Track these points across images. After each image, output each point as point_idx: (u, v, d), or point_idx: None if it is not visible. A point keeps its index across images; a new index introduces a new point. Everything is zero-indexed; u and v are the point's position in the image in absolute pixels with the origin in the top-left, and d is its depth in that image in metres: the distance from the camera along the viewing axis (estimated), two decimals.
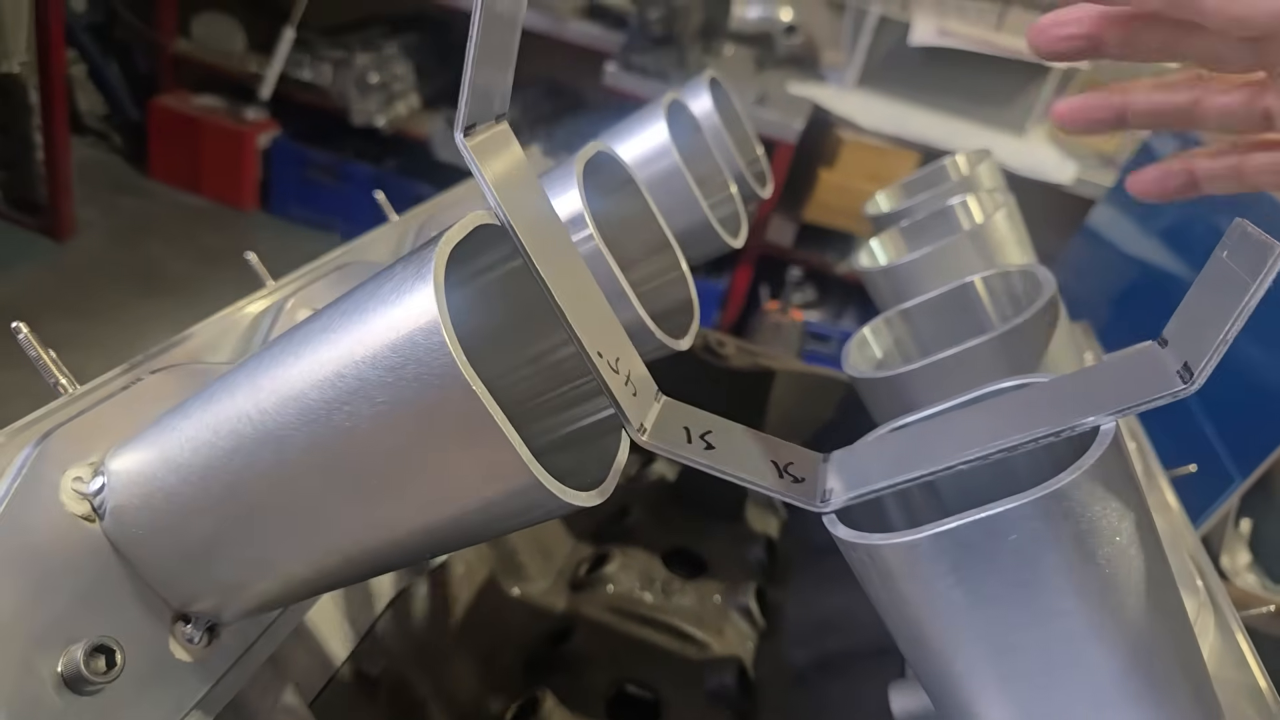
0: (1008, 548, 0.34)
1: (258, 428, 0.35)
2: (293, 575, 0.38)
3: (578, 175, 0.46)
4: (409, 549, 0.37)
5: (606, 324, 0.41)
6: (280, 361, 0.35)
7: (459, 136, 0.35)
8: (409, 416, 0.32)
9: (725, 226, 0.65)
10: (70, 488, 0.38)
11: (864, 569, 0.39)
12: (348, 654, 0.55)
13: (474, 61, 0.34)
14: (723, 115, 0.74)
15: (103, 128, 3.02)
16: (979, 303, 0.57)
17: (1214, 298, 0.34)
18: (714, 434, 0.43)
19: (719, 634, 0.74)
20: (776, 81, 2.36)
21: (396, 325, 0.32)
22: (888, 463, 0.41)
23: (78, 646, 0.36)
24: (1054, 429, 0.37)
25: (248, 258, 0.66)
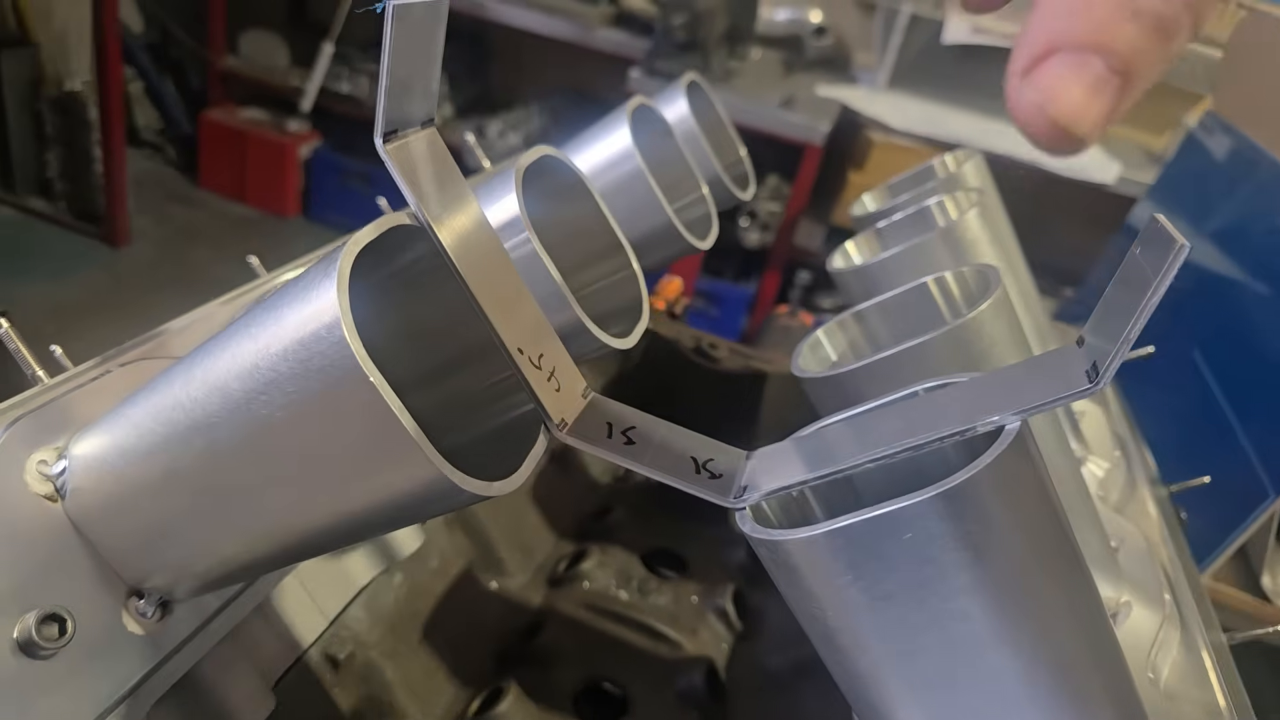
0: (903, 546, 0.34)
1: (189, 415, 0.37)
2: (229, 555, 0.41)
3: (516, 179, 0.48)
4: (333, 532, 0.39)
5: (533, 322, 0.42)
6: (211, 354, 0.38)
7: (378, 141, 0.38)
8: (316, 405, 0.34)
9: (696, 228, 0.66)
10: (35, 469, 0.41)
11: (771, 566, 0.40)
12: (315, 637, 0.58)
13: (389, 66, 0.36)
14: (701, 119, 0.76)
15: (157, 141, 3.16)
16: (933, 303, 0.57)
17: (1125, 296, 0.34)
18: (636, 430, 0.44)
19: (693, 634, 0.74)
20: (805, 84, 2.36)
21: (305, 320, 0.34)
22: (805, 460, 0.42)
23: (32, 614, 0.39)
24: (960, 427, 0.37)
25: (250, 261, 0.70)
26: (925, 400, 0.42)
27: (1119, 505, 0.69)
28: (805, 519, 0.45)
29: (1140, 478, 0.74)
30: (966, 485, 0.33)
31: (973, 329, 0.51)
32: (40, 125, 2.80)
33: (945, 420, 0.38)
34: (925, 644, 0.36)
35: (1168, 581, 0.61)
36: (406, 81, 0.38)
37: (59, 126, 2.79)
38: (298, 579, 0.56)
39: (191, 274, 2.61)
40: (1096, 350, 0.35)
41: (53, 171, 2.85)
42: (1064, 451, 0.57)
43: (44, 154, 2.84)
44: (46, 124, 2.79)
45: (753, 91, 2.21)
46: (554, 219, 0.52)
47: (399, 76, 0.37)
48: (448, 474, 0.35)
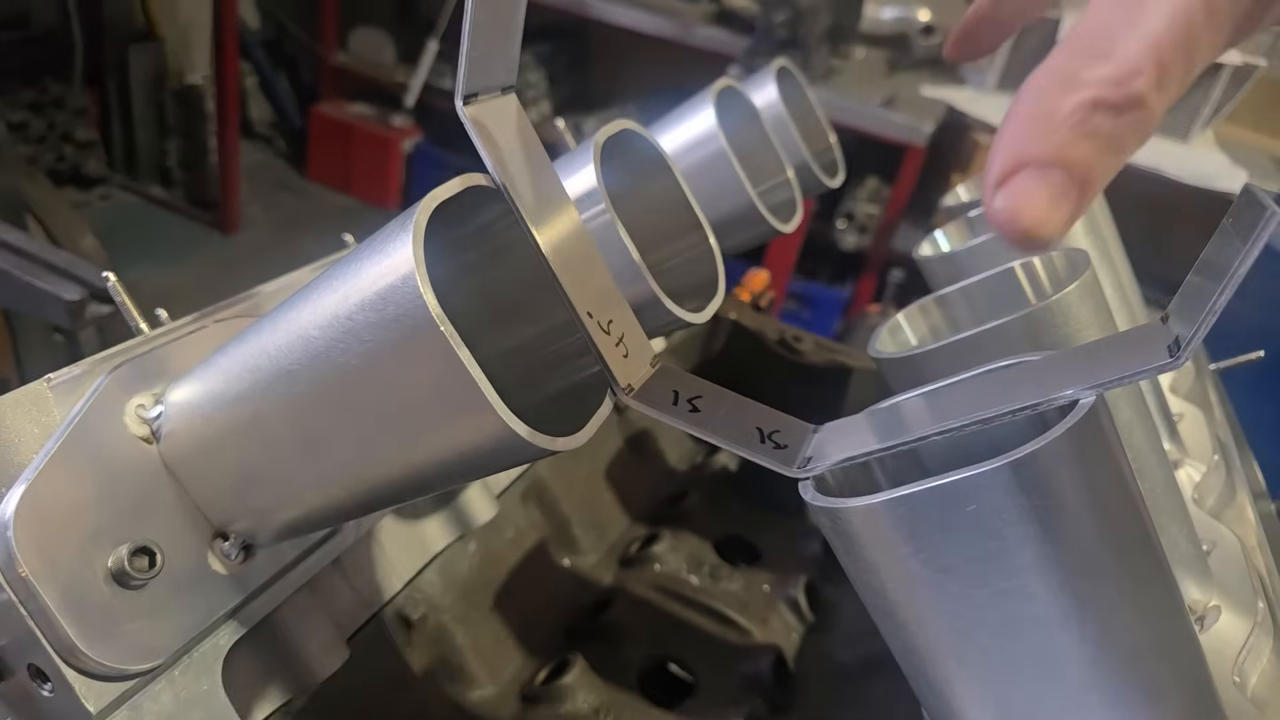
0: (966, 518, 0.33)
1: (273, 362, 0.39)
2: (306, 501, 0.43)
3: (595, 150, 0.48)
4: (402, 482, 0.40)
5: (604, 289, 0.43)
6: (296, 306, 0.39)
7: (459, 104, 0.39)
8: (390, 353, 0.36)
9: (781, 212, 0.66)
10: (134, 412, 0.44)
11: (832, 536, 0.39)
12: (390, 596, 0.59)
13: (470, 32, 0.37)
14: (790, 105, 0.75)
15: (269, 133, 3.33)
16: (1019, 289, 0.55)
17: (1214, 270, 0.33)
18: (703, 399, 0.44)
19: (763, 623, 0.74)
20: (909, 84, 2.31)
21: (383, 271, 0.35)
22: (871, 434, 0.41)
23: (125, 546, 0.41)
24: (1031, 401, 0.36)
25: (345, 238, 0.73)
26: (998, 375, 0.41)
27: (1215, 510, 0.65)
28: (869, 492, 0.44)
29: (1241, 485, 0.70)
30: (1034, 457, 0.31)
31: (1058, 311, 0.49)
32: (162, 116, 2.98)
33: (1018, 395, 0.37)
34: (985, 622, 0.35)
35: (1263, 589, 0.57)
36: (489, 45, 0.39)
37: (179, 118, 2.96)
38: (376, 540, 0.58)
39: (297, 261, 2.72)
40: (1181, 325, 0.34)
41: (172, 160, 3.03)
42: (1155, 447, 0.54)
43: (164, 144, 3.02)
44: (168, 115, 2.97)
45: (854, 90, 2.17)
46: (633, 193, 0.53)
47: (481, 39, 0.38)
48: (513, 425, 0.35)
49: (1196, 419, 0.78)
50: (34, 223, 1.80)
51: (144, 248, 2.69)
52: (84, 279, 1.24)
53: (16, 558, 0.38)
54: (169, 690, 0.44)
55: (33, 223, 1.80)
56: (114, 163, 2.99)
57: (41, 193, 1.91)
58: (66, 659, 0.39)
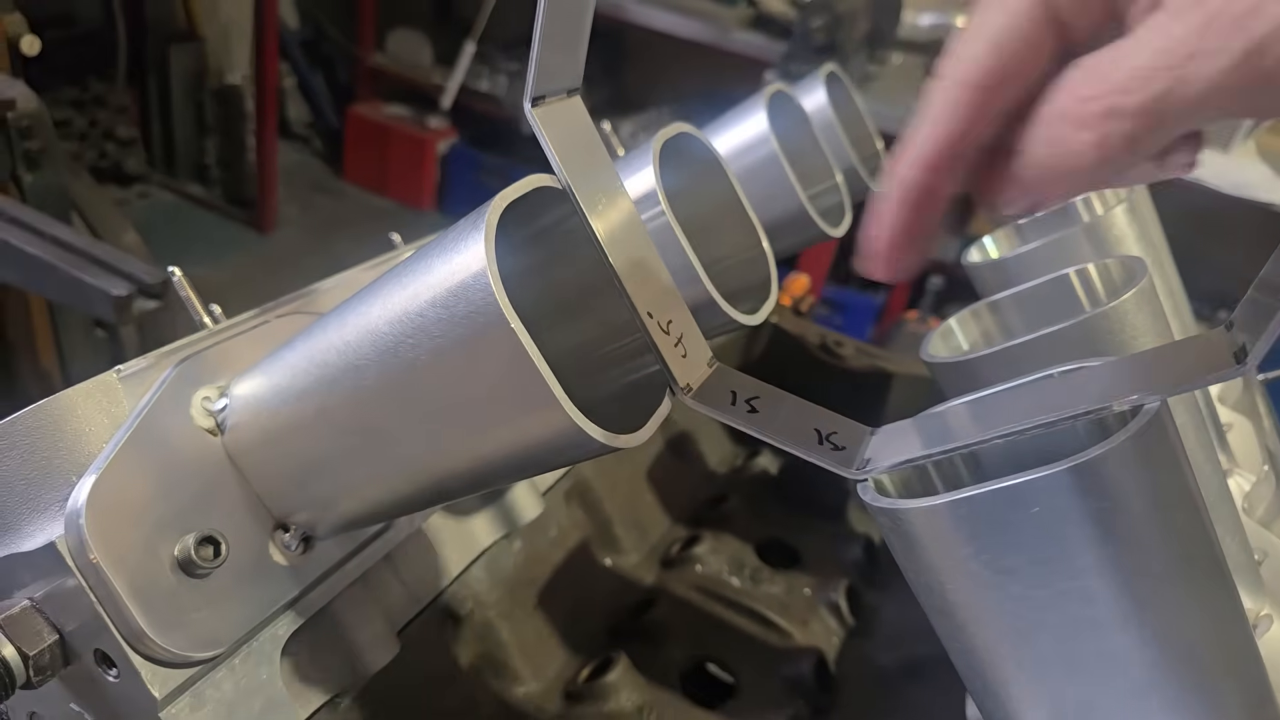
0: (1030, 521, 0.33)
1: (341, 356, 0.40)
2: (369, 494, 0.43)
3: (654, 152, 0.49)
4: (467, 476, 0.41)
5: (662, 288, 0.43)
6: (365, 301, 0.40)
7: (527, 106, 0.39)
8: (461, 350, 0.36)
9: (829, 217, 0.66)
10: (200, 405, 0.45)
11: (891, 536, 0.39)
12: (439, 592, 0.60)
13: (540, 38, 0.38)
14: (839, 111, 0.75)
15: (307, 133, 3.37)
16: (1073, 295, 0.55)
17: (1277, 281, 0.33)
18: (761, 399, 0.44)
19: (804, 625, 0.74)
20: None
21: (454, 270, 0.36)
22: (930, 436, 0.41)
23: (191, 536, 0.42)
24: (1094, 405, 0.36)
25: (392, 238, 0.74)
26: (1059, 380, 0.41)
27: (1266, 520, 0.64)
28: (926, 494, 0.44)
29: None
30: (1099, 460, 0.31)
31: (1115, 319, 0.48)
32: (201, 115, 3.02)
33: (1080, 399, 0.37)
34: (1046, 623, 0.35)
35: None
36: (557, 50, 0.39)
37: (218, 117, 3.00)
38: (425, 536, 0.59)
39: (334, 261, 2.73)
40: (1245, 334, 0.33)
41: (210, 159, 3.07)
42: (1209, 455, 0.54)
43: (203, 142, 3.06)
44: (207, 114, 3.01)
45: (891, 96, 2.16)
46: (688, 195, 0.53)
47: (551, 44, 0.39)
48: (578, 421, 0.36)
49: (1245, 429, 0.77)
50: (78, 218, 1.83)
51: (182, 245, 2.73)
52: (131, 274, 1.26)
53: (88, 544, 0.39)
54: (229, 678, 0.45)
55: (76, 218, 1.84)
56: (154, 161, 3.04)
57: (85, 189, 1.94)
58: (134, 645, 0.40)
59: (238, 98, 2.94)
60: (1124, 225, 0.62)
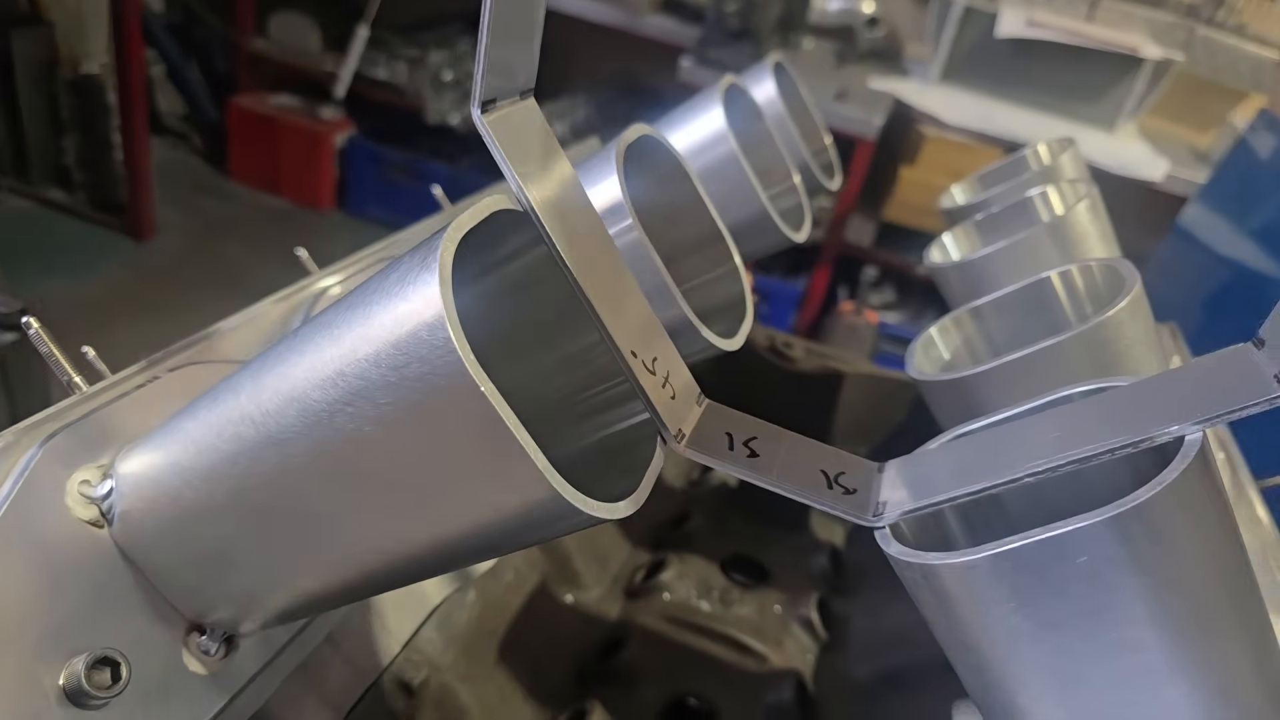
0: (1077, 571, 0.30)
1: (259, 430, 0.32)
2: (306, 586, 0.36)
3: (617, 160, 0.42)
4: (424, 561, 0.34)
5: (643, 320, 0.37)
6: (285, 359, 0.33)
7: (475, 112, 0.32)
8: (414, 419, 0.29)
9: (788, 219, 0.61)
10: (77, 491, 0.36)
11: (918, 589, 0.35)
12: (387, 663, 0.53)
13: (490, 32, 0.31)
14: (788, 103, 0.70)
15: (182, 128, 3.10)
16: (1055, 300, 0.52)
17: None
18: (759, 441, 0.39)
19: (778, 646, 0.69)
20: (857, 76, 2.28)
21: (400, 320, 0.29)
22: (948, 474, 0.37)
23: (80, 658, 0.34)
24: (1132, 438, 0.32)
25: (298, 253, 0.65)
26: (1082, 407, 0.37)
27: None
28: (942, 534, 0.40)
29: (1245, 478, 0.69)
30: (1150, 503, 0.29)
31: (1111, 328, 0.45)
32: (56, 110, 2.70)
33: (1111, 429, 0.34)
34: (1093, 676, 0.32)
35: None
36: (509, 44, 0.33)
37: (76, 111, 2.68)
38: (368, 602, 0.52)
39: (223, 270, 2.55)
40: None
41: (70, 159, 2.74)
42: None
43: (60, 140, 2.73)
44: (62, 108, 2.69)
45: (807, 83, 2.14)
46: (648, 204, 0.47)
47: (501, 38, 0.32)
48: (567, 495, 0.30)
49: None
50: None
51: (43, 260, 2.46)
52: None
53: None
54: None
55: None
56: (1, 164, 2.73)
57: None
58: None
59: (97, 89, 2.64)
60: (1086, 223, 0.59)
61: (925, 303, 2.51)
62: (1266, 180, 1.78)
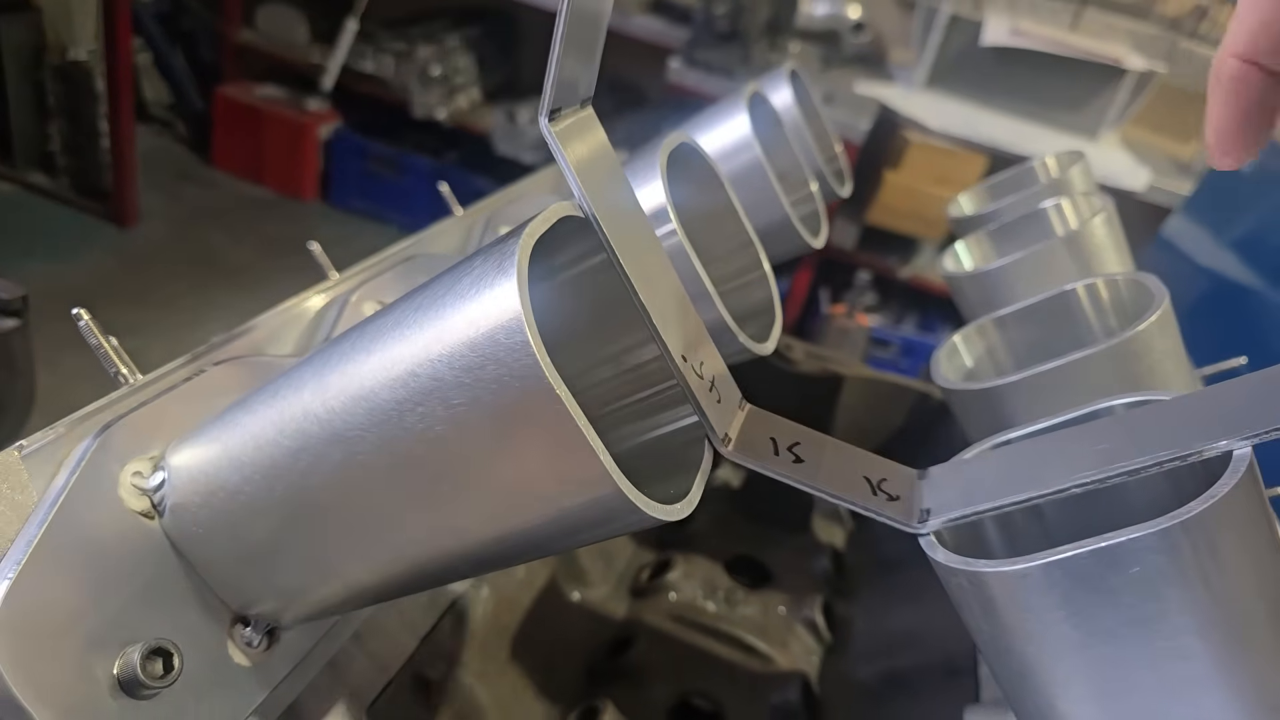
0: (1128, 581, 0.31)
1: (325, 427, 0.33)
2: (359, 581, 0.36)
3: (661, 166, 0.43)
4: (480, 559, 0.35)
5: (691, 325, 0.38)
6: (350, 358, 0.33)
7: (543, 121, 0.33)
8: (487, 421, 0.30)
9: (806, 225, 0.62)
10: (130, 483, 0.37)
11: (963, 595, 0.36)
12: (407, 658, 0.53)
13: (561, 47, 0.32)
14: (803, 110, 0.71)
15: (167, 116, 3.07)
16: (1081, 312, 0.53)
17: None
18: (802, 446, 0.40)
19: (783, 647, 0.71)
20: (843, 80, 2.31)
21: (476, 322, 0.30)
22: (991, 482, 0.38)
23: (135, 649, 0.34)
24: (1181, 451, 0.33)
25: (310, 247, 0.65)
26: (1127, 420, 0.38)
27: None
28: (979, 541, 0.41)
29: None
30: (1202, 516, 0.30)
31: (1142, 342, 0.46)
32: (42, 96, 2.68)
33: (1160, 441, 0.35)
34: (1139, 684, 0.33)
35: None
36: (577, 54, 0.33)
37: (62, 97, 2.66)
38: None
39: (206, 257, 2.53)
40: None
41: (55, 145, 2.72)
42: None
43: (46, 126, 2.71)
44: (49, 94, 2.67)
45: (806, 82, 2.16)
46: (685, 210, 0.48)
47: (571, 55, 0.33)
48: (632, 498, 0.30)
49: None
50: None
51: (26, 243, 2.44)
52: None
53: (3, 675, 0.31)
54: None
55: None
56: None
57: None
58: None
59: (84, 76, 2.63)
60: (1103, 236, 0.60)
61: (906, 307, 2.54)
62: (1248, 194, 1.83)
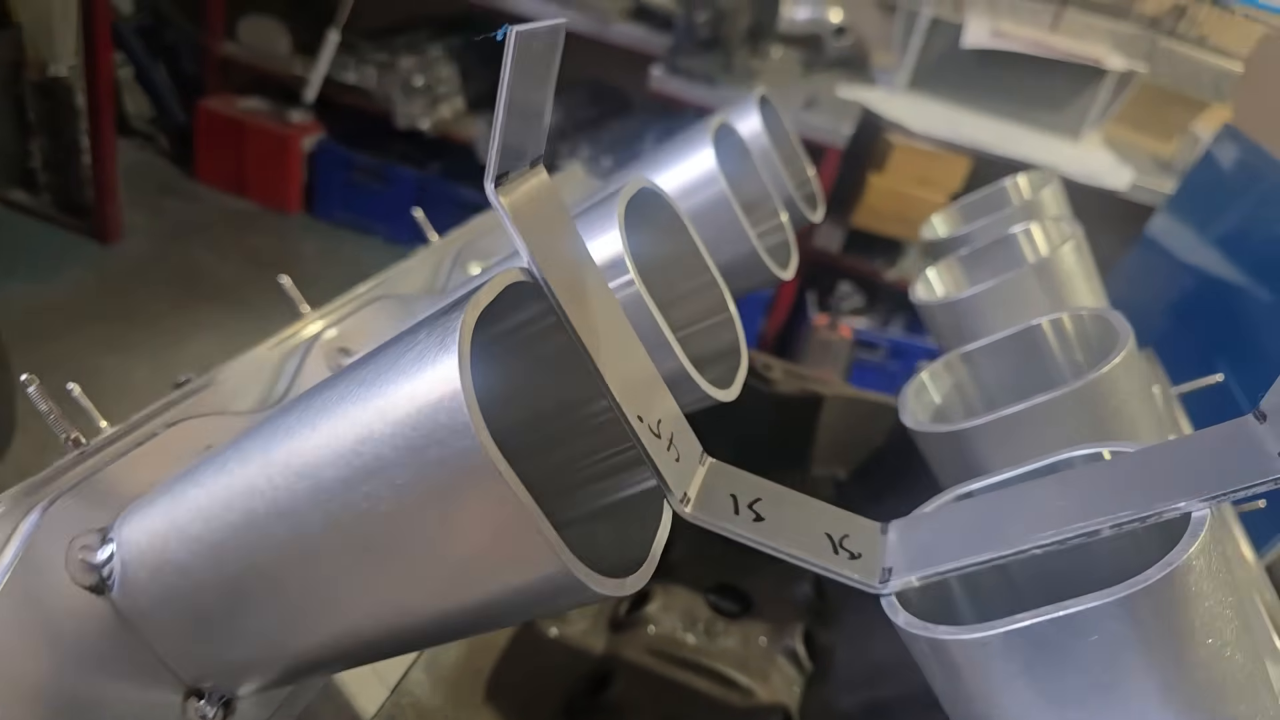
0: (1088, 648, 0.31)
1: (270, 504, 0.32)
2: (310, 654, 0.36)
3: (619, 215, 0.43)
4: (432, 633, 0.34)
5: (649, 383, 0.37)
6: (295, 433, 0.32)
7: (490, 188, 0.32)
8: (430, 497, 0.29)
9: (775, 256, 0.61)
10: (77, 558, 0.36)
11: (926, 660, 0.36)
12: (377, 709, 0.53)
13: (505, 112, 0.31)
14: (772, 135, 0.71)
15: (149, 130, 3.05)
16: (1047, 347, 0.53)
17: None
18: (763, 503, 0.39)
19: (764, 679, 0.70)
20: (825, 84, 2.31)
21: (417, 401, 0.29)
22: (954, 540, 0.38)
23: None
24: (1140, 513, 0.33)
25: (281, 281, 0.64)
26: (1088, 474, 0.38)
27: None
28: (943, 597, 0.41)
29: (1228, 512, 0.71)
30: (1161, 583, 0.30)
31: (1106, 384, 0.46)
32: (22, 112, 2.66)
33: (1121, 500, 0.35)
34: None
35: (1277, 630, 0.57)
36: (524, 117, 0.33)
37: (43, 113, 2.65)
38: None
39: (190, 273, 2.51)
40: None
41: (36, 162, 2.70)
42: None
43: (27, 143, 2.69)
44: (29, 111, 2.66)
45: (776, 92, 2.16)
46: (644, 253, 0.47)
47: (517, 112, 0.32)
48: (581, 576, 0.30)
49: None
50: None
51: (8, 262, 2.41)
52: None
53: None
54: None
55: None
56: None
57: None
58: None
59: (65, 91, 2.61)
60: (1072, 263, 0.60)
61: (893, 308, 2.54)
62: (1230, 192, 1.84)
